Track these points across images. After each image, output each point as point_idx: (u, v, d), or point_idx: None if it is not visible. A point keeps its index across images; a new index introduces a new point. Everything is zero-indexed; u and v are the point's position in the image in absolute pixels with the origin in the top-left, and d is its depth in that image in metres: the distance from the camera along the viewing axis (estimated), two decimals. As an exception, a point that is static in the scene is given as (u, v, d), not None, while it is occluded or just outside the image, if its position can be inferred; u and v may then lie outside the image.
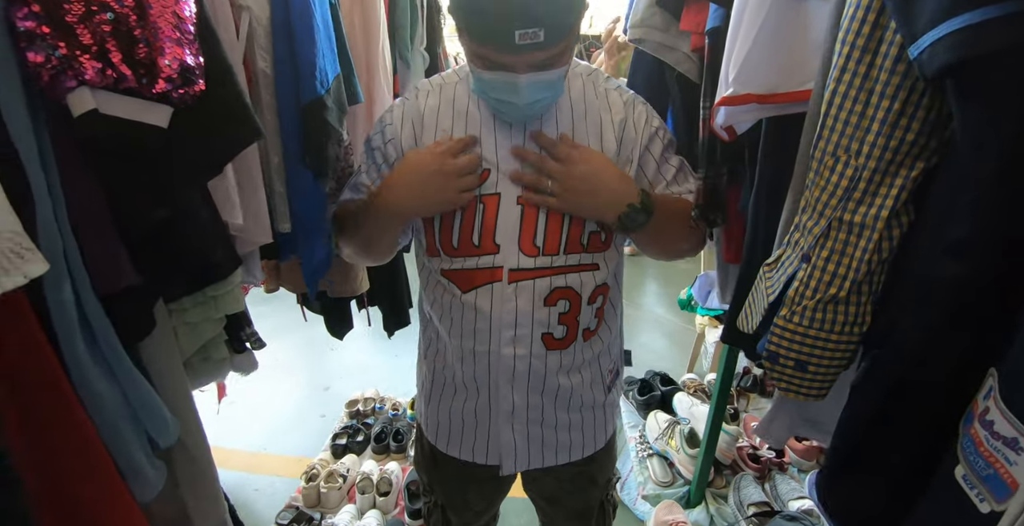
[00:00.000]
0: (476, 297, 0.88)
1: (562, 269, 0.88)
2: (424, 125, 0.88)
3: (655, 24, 1.18)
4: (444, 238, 0.88)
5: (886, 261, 0.69)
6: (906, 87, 0.63)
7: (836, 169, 0.69)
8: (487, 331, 0.89)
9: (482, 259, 0.87)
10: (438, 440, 1.03)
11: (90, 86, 0.66)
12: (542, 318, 0.88)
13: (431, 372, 1.00)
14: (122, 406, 0.78)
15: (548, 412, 0.96)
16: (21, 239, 0.61)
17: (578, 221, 0.88)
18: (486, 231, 0.86)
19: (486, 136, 0.87)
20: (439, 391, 1.00)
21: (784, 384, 0.77)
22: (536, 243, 0.86)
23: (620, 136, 0.90)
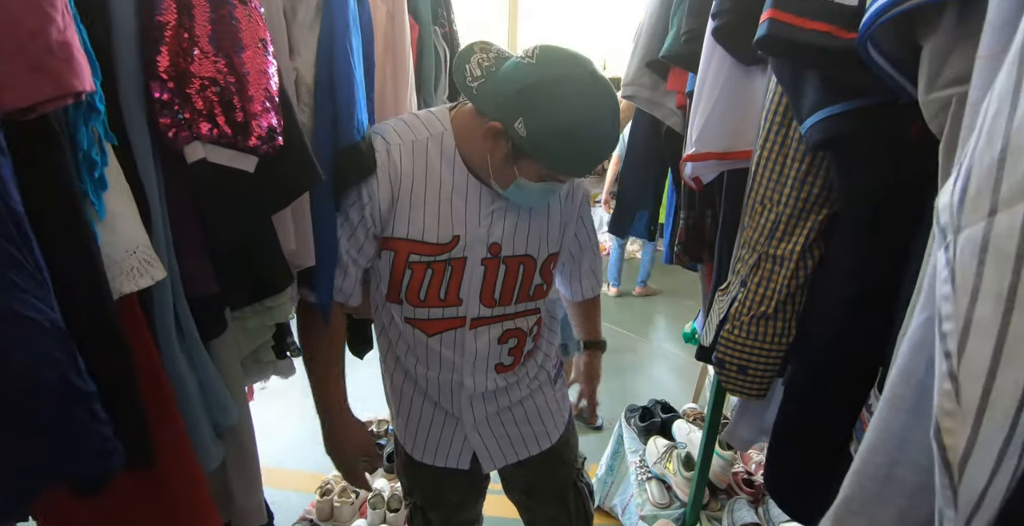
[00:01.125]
0: (441, 340, 1.10)
1: (512, 315, 1.13)
2: (401, 191, 1.02)
3: (644, 83, 1.47)
4: (410, 293, 1.07)
5: (803, 286, 0.93)
6: (811, 153, 0.89)
7: (763, 214, 0.94)
8: (450, 367, 1.13)
9: (447, 310, 1.08)
10: (414, 450, 1.25)
11: (201, 141, 0.96)
12: (495, 353, 1.14)
13: (398, 392, 1.23)
14: (197, 390, 1.04)
15: (507, 417, 1.22)
16: (149, 251, 0.89)
17: (528, 278, 1.11)
18: (451, 288, 1.06)
19: (457, 202, 1.03)
20: (407, 407, 1.22)
21: (731, 386, 1.01)
22: (494, 296, 1.09)
23: (563, 208, 1.13)
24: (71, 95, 0.67)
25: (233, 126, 0.97)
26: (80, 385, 0.70)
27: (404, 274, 1.05)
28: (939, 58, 0.62)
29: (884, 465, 0.59)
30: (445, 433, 1.21)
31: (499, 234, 1.05)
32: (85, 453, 0.72)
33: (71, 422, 0.70)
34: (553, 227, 1.11)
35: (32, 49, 0.63)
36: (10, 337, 0.65)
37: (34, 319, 0.66)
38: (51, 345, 0.68)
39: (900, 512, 0.60)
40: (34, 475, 0.70)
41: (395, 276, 1.06)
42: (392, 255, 1.05)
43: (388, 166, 1.03)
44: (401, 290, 1.07)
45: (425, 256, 1.03)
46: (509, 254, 1.07)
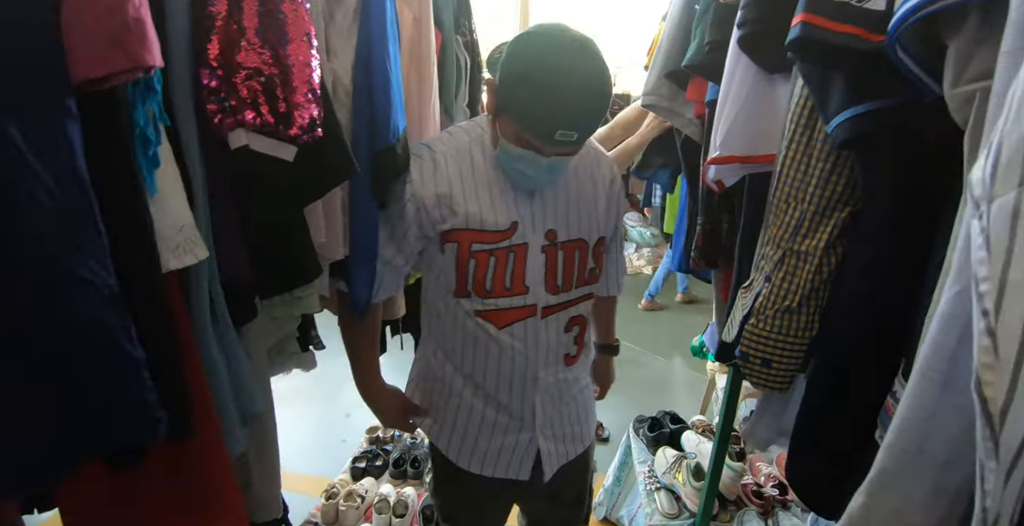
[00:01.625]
0: (512, 333, 1.11)
1: (574, 301, 1.16)
2: (452, 191, 1.08)
3: (663, 93, 1.52)
4: (476, 284, 1.09)
5: (827, 281, 0.97)
6: (835, 153, 0.93)
7: (788, 212, 0.98)
8: (524, 360, 1.13)
9: (514, 299, 1.10)
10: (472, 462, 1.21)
11: (245, 128, 1.00)
12: (564, 343, 1.16)
13: (455, 401, 1.20)
14: (226, 373, 1.06)
15: (567, 414, 1.23)
16: (194, 230, 0.92)
17: (583, 262, 1.15)
18: (516, 276, 1.09)
19: (508, 194, 1.08)
20: (465, 416, 1.19)
21: (754, 379, 1.04)
22: (557, 283, 1.12)
23: (608, 193, 1.19)
24: (142, 69, 0.71)
25: (276, 115, 1.01)
26: (131, 351, 0.73)
27: (468, 264, 1.08)
28: (964, 56, 0.66)
29: (916, 438, 0.62)
30: (508, 439, 1.19)
31: (552, 220, 1.10)
32: (132, 418, 0.74)
33: (121, 387, 0.72)
34: (599, 211, 1.16)
35: (110, 24, 0.68)
36: (71, 300, 0.67)
37: (94, 283, 0.69)
38: (107, 310, 0.70)
39: (932, 485, 0.63)
40: (82, 438, 0.72)
41: (461, 267, 1.09)
42: (455, 247, 1.08)
43: (434, 171, 1.10)
44: (468, 281, 1.09)
45: (487, 244, 1.07)
46: (564, 239, 1.11)
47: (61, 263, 0.65)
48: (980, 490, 0.50)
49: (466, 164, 1.10)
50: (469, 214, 1.07)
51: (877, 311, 0.88)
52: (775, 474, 1.98)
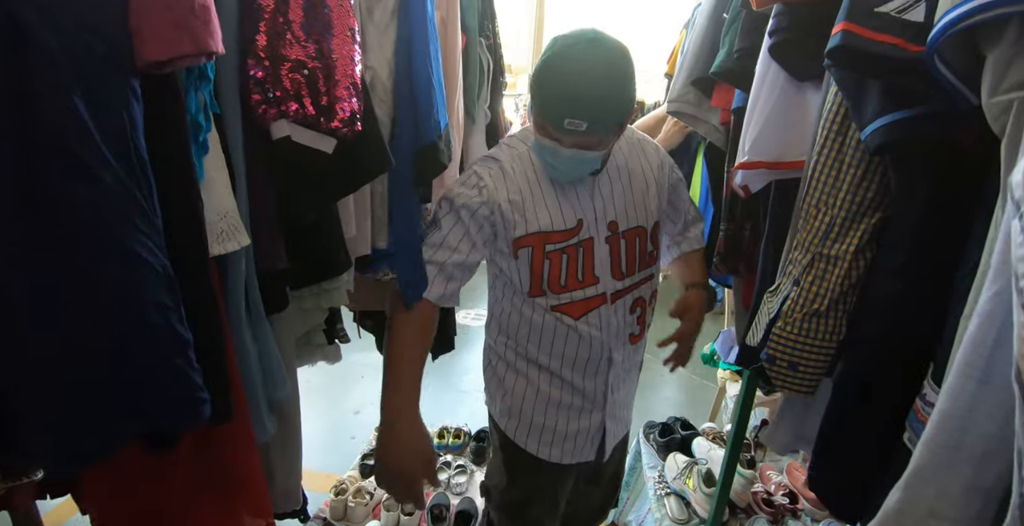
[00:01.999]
0: (587, 321, 1.19)
1: (638, 284, 1.24)
2: (522, 197, 1.14)
3: (689, 100, 1.55)
4: (552, 282, 1.17)
5: (856, 285, 0.98)
6: (867, 159, 0.95)
7: (818, 217, 1.00)
8: (600, 346, 1.21)
9: (587, 290, 1.18)
10: (552, 451, 1.29)
11: (287, 119, 1.02)
12: (630, 322, 1.25)
13: (532, 395, 1.27)
14: (256, 361, 1.08)
15: (626, 394, 1.33)
16: (236, 217, 0.94)
17: (643, 247, 1.22)
18: (587, 269, 1.17)
19: (568, 193, 1.15)
20: (543, 407, 1.27)
21: (780, 382, 1.05)
22: (622, 270, 1.21)
23: (658, 177, 1.26)
24: (205, 54, 0.74)
25: (318, 108, 1.04)
26: (182, 332, 0.75)
27: (544, 265, 1.15)
28: (1002, 66, 0.68)
29: (955, 434, 0.64)
30: (582, 423, 1.28)
31: (612, 212, 1.18)
32: (180, 398, 0.76)
33: (171, 367, 0.75)
34: (652, 197, 1.23)
35: (178, 9, 0.70)
36: (130, 279, 0.70)
37: (150, 263, 0.71)
38: (162, 290, 0.73)
39: (968, 481, 0.65)
40: (130, 415, 0.74)
41: (535, 270, 1.16)
42: (530, 251, 1.15)
43: (504, 178, 1.15)
44: (543, 282, 1.16)
45: (559, 244, 1.14)
46: (625, 228, 1.19)
47: (118, 240, 0.67)
48: (1018, 477, 0.52)
49: (530, 171, 1.16)
50: (540, 218, 1.14)
51: (907, 314, 0.90)
52: (785, 482, 1.99)
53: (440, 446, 2.29)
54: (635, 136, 1.29)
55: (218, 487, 1.05)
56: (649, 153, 1.27)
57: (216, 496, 1.07)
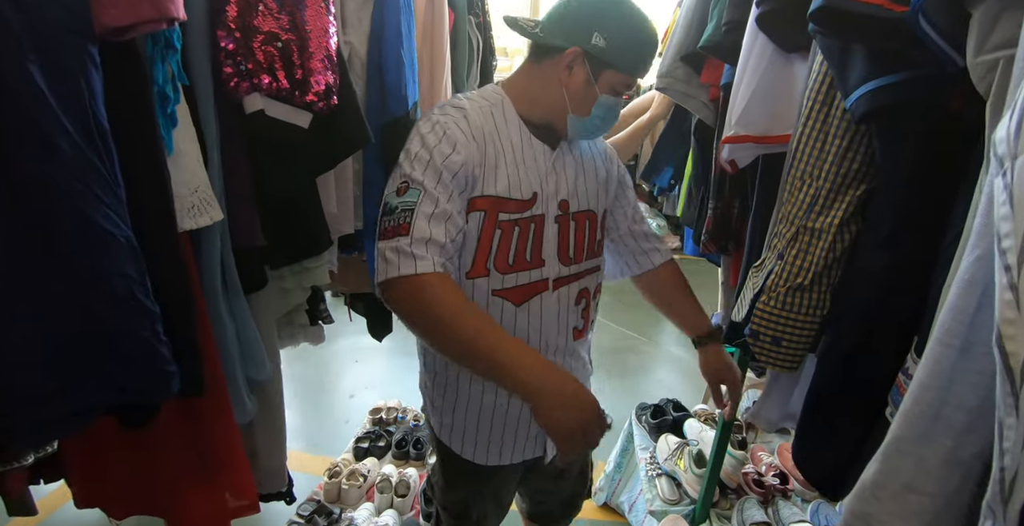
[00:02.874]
0: (528, 309, 1.06)
1: (584, 273, 1.13)
2: (486, 148, 1.00)
3: (678, 76, 1.51)
4: (500, 258, 1.02)
5: (840, 259, 0.96)
6: (852, 129, 0.93)
7: (802, 189, 0.98)
8: (538, 337, 1.08)
9: (532, 273, 1.05)
10: (489, 455, 1.15)
11: (261, 93, 0.99)
12: (574, 315, 1.12)
13: (465, 391, 1.12)
14: (235, 339, 1.06)
15: None
16: (209, 192, 0.92)
17: (592, 233, 1.13)
18: (535, 248, 1.04)
19: (528, 160, 1.04)
20: (477, 405, 1.12)
21: (764, 357, 1.03)
22: (569, 255, 1.09)
23: (608, 167, 1.20)
24: (166, 20, 0.71)
25: (292, 81, 1.01)
26: (147, 304, 0.73)
27: (494, 236, 1.01)
28: (987, 24, 0.65)
29: (933, 404, 0.62)
30: (522, 423, 1.14)
31: (565, 190, 1.08)
32: (147, 371, 0.74)
33: (137, 339, 0.73)
34: (602, 183, 1.17)
35: (136, -26, 0.67)
36: (89, 247, 0.68)
37: (112, 233, 0.69)
38: (125, 260, 0.70)
39: (947, 452, 0.63)
40: (99, 388, 0.72)
41: (484, 240, 1.01)
42: (481, 216, 1.00)
43: (469, 125, 0.99)
44: (489, 257, 1.02)
45: (513, 214, 1.02)
46: (576, 209, 1.10)
47: (79, 209, 0.65)
48: (998, 450, 0.50)
49: (490, 124, 1.03)
50: (498, 181, 1.00)
51: (892, 286, 0.87)
52: (776, 464, 1.98)
53: (433, 429, 2.29)
54: None
55: (199, 466, 1.04)
56: (599, 142, 1.24)
57: (197, 475, 1.06)
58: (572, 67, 1.01)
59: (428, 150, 0.95)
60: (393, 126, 1.30)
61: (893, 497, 0.66)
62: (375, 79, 1.30)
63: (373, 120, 1.31)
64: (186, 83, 0.88)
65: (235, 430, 1.05)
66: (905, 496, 0.66)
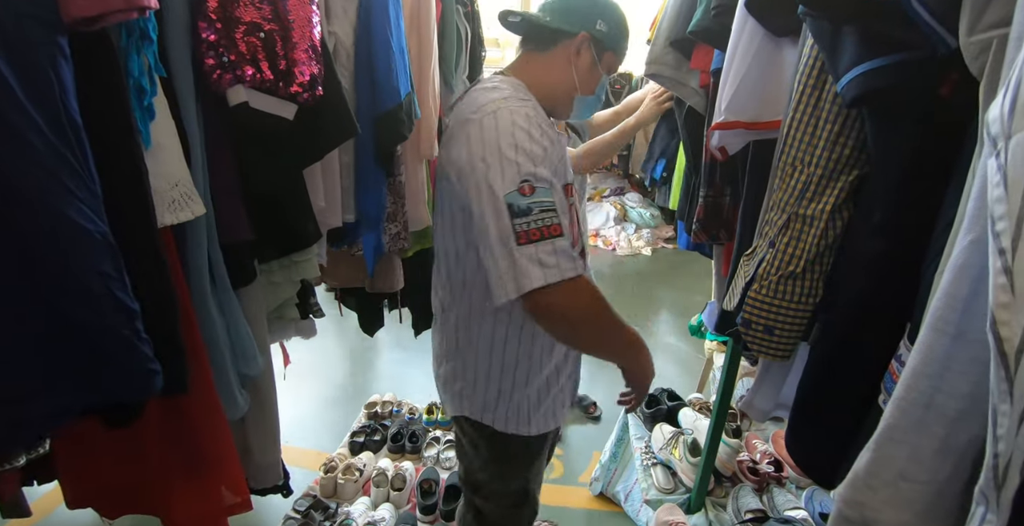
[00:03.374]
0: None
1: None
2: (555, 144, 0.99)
3: (668, 62, 1.49)
4: (575, 239, 1.05)
5: (832, 246, 0.95)
6: (843, 114, 0.91)
7: (794, 175, 0.96)
8: None
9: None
10: (547, 422, 1.19)
11: (244, 85, 0.97)
12: None
13: (541, 364, 1.13)
14: (225, 335, 1.05)
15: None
16: (190, 186, 0.90)
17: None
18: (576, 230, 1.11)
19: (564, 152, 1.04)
20: (555, 374, 1.17)
21: (756, 346, 1.02)
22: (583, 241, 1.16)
23: None
24: (136, 9, 0.68)
25: (276, 72, 0.99)
26: (126, 301, 0.71)
27: (570, 218, 1.02)
28: (981, 3, 0.64)
29: (926, 391, 0.61)
30: (566, 385, 1.24)
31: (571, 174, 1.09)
32: (127, 369, 0.73)
33: (116, 337, 0.71)
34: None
35: (103, -38, 0.65)
36: (64, 244, 0.66)
37: (87, 228, 0.67)
38: (101, 257, 0.69)
39: (940, 441, 0.62)
40: (77, 388, 0.71)
41: (572, 224, 1.04)
42: (566, 201, 1.00)
43: (540, 115, 0.99)
44: (577, 237, 1.10)
45: (570, 198, 1.04)
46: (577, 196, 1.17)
47: (51, 205, 0.63)
48: (992, 437, 0.49)
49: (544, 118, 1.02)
50: (567, 167, 1.06)
51: (885, 274, 0.86)
52: (771, 452, 1.98)
53: (429, 422, 2.28)
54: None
55: (190, 463, 1.03)
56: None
57: (188, 472, 1.05)
58: (580, 50, 1.10)
59: (538, 144, 0.92)
60: (386, 118, 1.29)
61: (886, 486, 0.66)
62: (364, 71, 1.28)
63: (364, 112, 1.30)
64: (163, 75, 0.86)
65: (225, 427, 1.04)
66: (898, 485, 0.65)
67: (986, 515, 0.49)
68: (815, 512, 1.74)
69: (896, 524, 0.65)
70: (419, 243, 1.69)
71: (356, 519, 1.79)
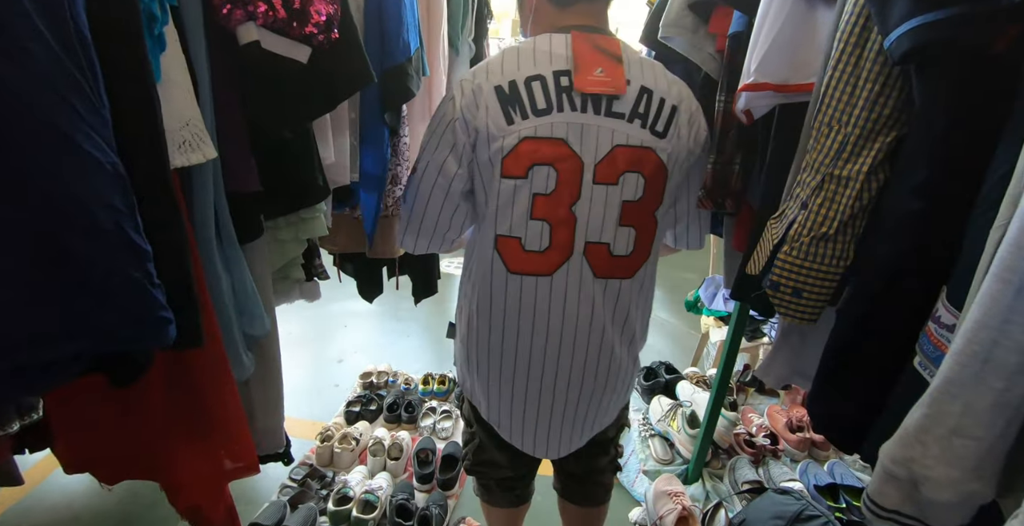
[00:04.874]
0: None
1: None
2: None
3: (686, 25, 1.43)
4: None
5: (866, 208, 0.92)
6: (885, 73, 0.87)
7: (830, 136, 0.93)
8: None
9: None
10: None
11: (256, 22, 0.90)
12: None
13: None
14: (231, 292, 0.99)
15: None
16: (201, 126, 0.83)
17: None
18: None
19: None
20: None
21: (783, 309, 1.00)
22: None
23: None
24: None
25: (290, 11, 0.92)
26: (138, 241, 0.65)
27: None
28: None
29: (986, 344, 0.58)
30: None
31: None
32: (138, 315, 0.67)
33: (126, 279, 0.65)
34: None
35: None
36: (70, 170, 0.59)
37: (95, 157, 0.61)
38: (111, 189, 0.62)
39: (996, 396, 0.59)
40: (85, 333, 0.64)
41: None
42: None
43: None
44: None
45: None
46: None
47: (57, 126, 0.57)
48: None
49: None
50: None
51: (924, 235, 0.83)
52: (766, 425, 1.98)
53: (425, 392, 2.25)
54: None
55: (194, 426, 0.98)
56: None
57: (192, 435, 0.99)
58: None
59: None
60: (394, 73, 1.22)
61: (938, 441, 0.64)
62: (374, 24, 1.21)
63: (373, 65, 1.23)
64: (174, 3, 0.79)
65: (233, 387, 0.99)
66: (950, 440, 0.63)
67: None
68: (810, 484, 1.75)
69: (947, 481, 0.64)
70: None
71: (354, 487, 1.76)
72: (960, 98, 0.79)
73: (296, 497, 1.76)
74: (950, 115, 0.80)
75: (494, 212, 0.95)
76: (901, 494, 0.68)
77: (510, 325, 1.00)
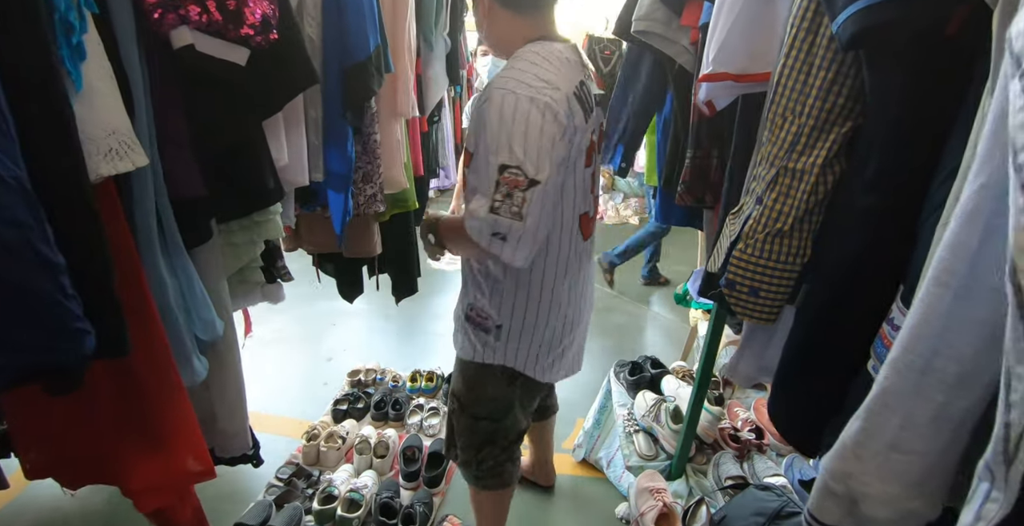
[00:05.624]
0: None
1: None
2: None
3: (658, 18, 1.39)
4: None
5: (822, 202, 0.87)
6: (838, 61, 0.83)
7: (784, 127, 0.88)
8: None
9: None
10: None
11: (189, 26, 0.87)
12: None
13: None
14: (179, 297, 0.97)
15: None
16: (130, 135, 0.80)
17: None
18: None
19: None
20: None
21: (740, 309, 0.96)
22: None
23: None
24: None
25: (224, 12, 0.89)
26: (48, 254, 0.63)
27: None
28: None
29: (924, 354, 0.54)
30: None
31: None
32: (53, 329, 0.65)
33: (37, 293, 0.63)
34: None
35: None
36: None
37: (-5, 173, 0.58)
38: (15, 204, 0.60)
39: (936, 409, 0.55)
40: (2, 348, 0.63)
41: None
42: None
43: None
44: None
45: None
46: None
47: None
48: (1004, 403, 0.42)
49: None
50: None
51: (878, 231, 0.79)
52: (752, 419, 1.94)
53: (413, 390, 2.23)
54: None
55: (144, 430, 0.96)
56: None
57: (144, 440, 0.98)
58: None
59: None
60: (356, 70, 1.19)
61: (875, 456, 0.59)
62: (333, 19, 1.18)
63: (334, 63, 1.20)
64: (95, 11, 0.76)
65: (181, 392, 0.97)
66: (888, 455, 0.59)
67: (990, 492, 0.43)
68: (794, 479, 1.71)
69: (884, 497, 0.60)
70: (396, 206, 1.60)
71: (339, 486, 1.75)
72: (911, 88, 0.74)
73: (282, 496, 1.75)
74: (901, 106, 0.75)
75: (572, 196, 1.11)
76: (841, 510, 0.64)
77: (574, 277, 1.22)
